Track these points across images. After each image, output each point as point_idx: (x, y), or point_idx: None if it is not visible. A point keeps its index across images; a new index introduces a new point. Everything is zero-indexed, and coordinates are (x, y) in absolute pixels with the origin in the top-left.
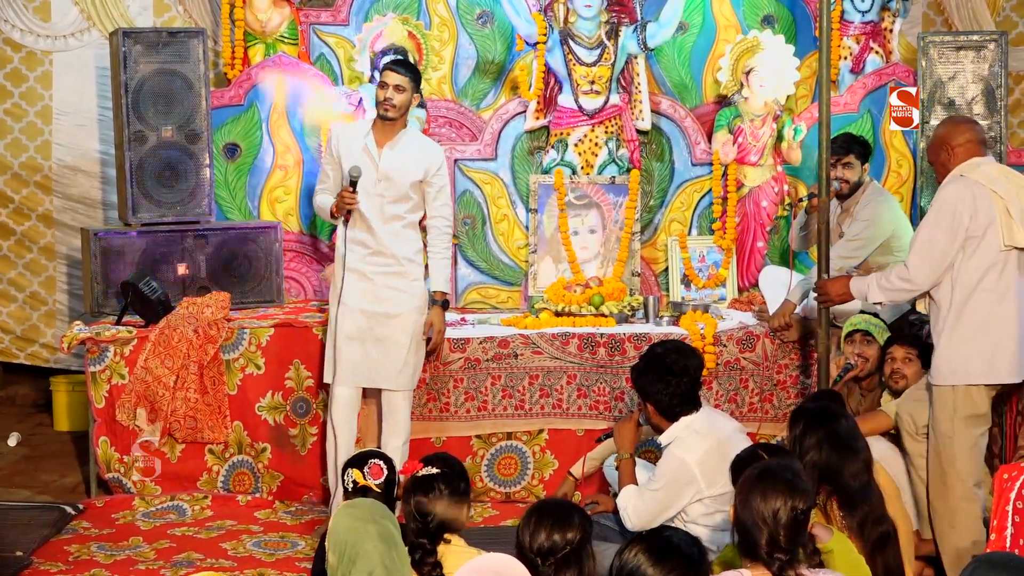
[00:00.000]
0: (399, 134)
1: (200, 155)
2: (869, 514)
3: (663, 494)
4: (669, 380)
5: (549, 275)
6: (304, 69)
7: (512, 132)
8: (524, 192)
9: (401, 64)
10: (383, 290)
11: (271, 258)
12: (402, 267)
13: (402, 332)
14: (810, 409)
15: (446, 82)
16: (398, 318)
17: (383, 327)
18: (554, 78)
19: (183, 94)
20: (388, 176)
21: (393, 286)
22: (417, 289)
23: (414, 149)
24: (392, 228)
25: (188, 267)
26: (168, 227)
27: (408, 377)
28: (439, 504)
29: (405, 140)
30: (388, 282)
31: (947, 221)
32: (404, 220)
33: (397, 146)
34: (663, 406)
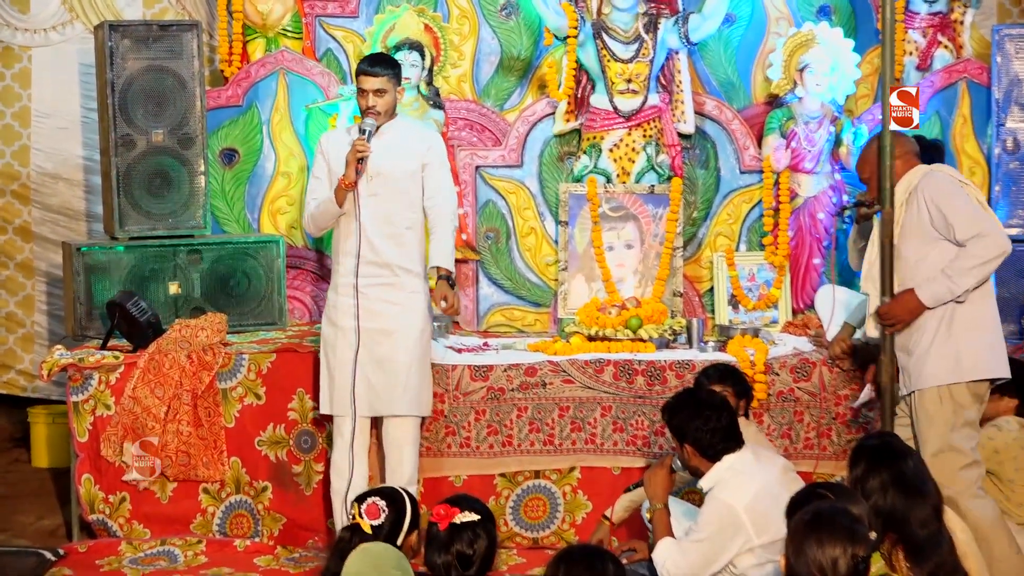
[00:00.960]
0: (387, 125)
1: (194, 161)
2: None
3: (708, 545)
4: (708, 415)
5: (581, 295)
6: (309, 66)
7: (540, 136)
8: (553, 203)
9: (375, 62)
10: (376, 304)
11: (272, 276)
12: (396, 277)
13: (402, 351)
14: (872, 446)
15: (466, 80)
16: (395, 335)
17: (379, 346)
18: (586, 76)
19: (175, 94)
20: (380, 171)
21: (387, 299)
22: (417, 303)
23: (404, 135)
24: (389, 232)
25: (181, 285)
26: (159, 241)
27: (411, 401)
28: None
29: (394, 130)
30: (382, 295)
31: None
32: (404, 221)
33: (385, 136)
34: (703, 445)
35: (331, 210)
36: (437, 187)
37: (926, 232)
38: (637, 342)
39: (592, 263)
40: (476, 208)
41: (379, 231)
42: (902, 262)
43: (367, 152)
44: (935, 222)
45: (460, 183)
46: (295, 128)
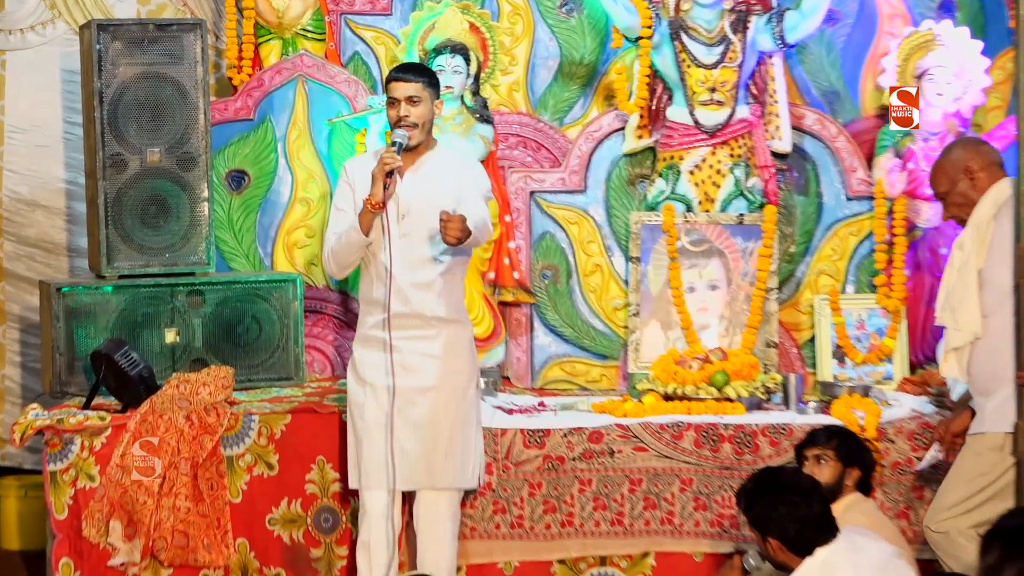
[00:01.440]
0: (425, 156)
1: (196, 186)
2: None
3: None
4: (794, 502)
5: (656, 346)
6: (333, 73)
7: (606, 155)
8: (623, 235)
9: (408, 68)
10: (412, 358)
11: (288, 322)
12: (434, 330)
13: (443, 412)
14: (1009, 529)
15: (519, 90)
16: (435, 394)
17: (417, 407)
18: (662, 84)
19: (175, 105)
20: (412, 209)
21: (425, 351)
22: (461, 357)
23: (441, 167)
24: (423, 278)
25: (179, 333)
26: (153, 280)
27: (455, 471)
28: None
29: (432, 161)
30: (419, 347)
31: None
32: (440, 266)
33: (420, 170)
34: (789, 537)
35: (355, 240)
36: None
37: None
38: (723, 402)
39: (669, 307)
40: (530, 241)
41: (411, 278)
42: (990, 291)
43: (396, 164)
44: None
45: (512, 212)
46: (316, 146)
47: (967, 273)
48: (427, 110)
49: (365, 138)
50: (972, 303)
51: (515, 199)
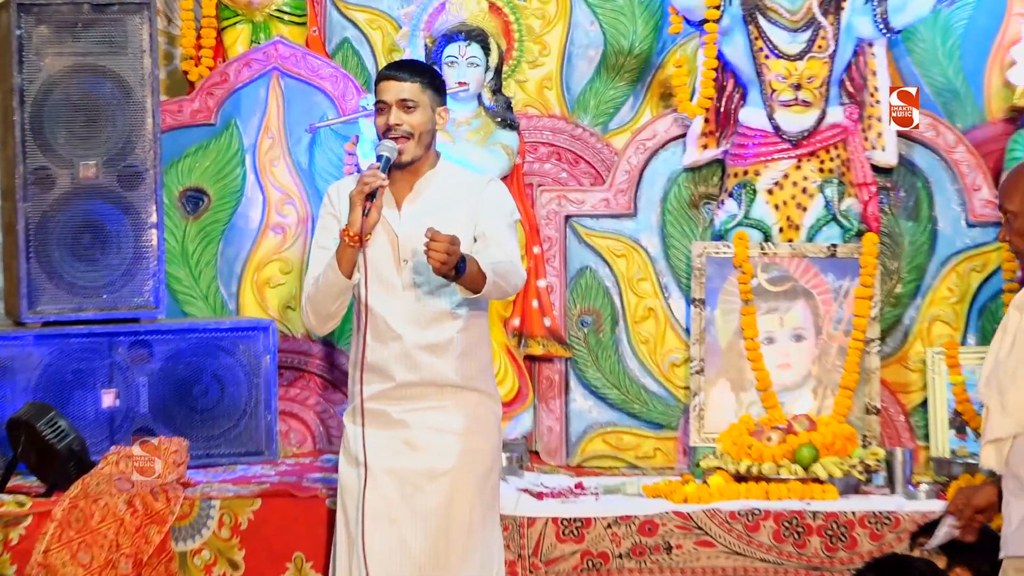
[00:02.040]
0: (425, 178)
1: (142, 208)
2: None
3: None
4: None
5: (725, 412)
6: (316, 65)
7: (663, 170)
8: (683, 271)
9: (401, 65)
10: (421, 434)
11: (258, 381)
12: (450, 400)
13: (459, 500)
14: None
15: (552, 86)
16: (449, 479)
17: (425, 495)
18: (733, 80)
19: (115, 107)
20: (415, 252)
21: (436, 425)
22: (481, 431)
23: (450, 191)
24: (436, 338)
25: (119, 396)
26: (87, 328)
27: (472, 573)
28: None
29: (435, 184)
30: (428, 420)
31: None
32: (457, 322)
33: (421, 197)
34: None
35: (334, 282)
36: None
37: None
38: (811, 484)
39: (742, 363)
40: (565, 279)
41: (420, 338)
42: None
43: (379, 183)
44: None
45: (542, 241)
46: (294, 159)
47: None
48: (425, 118)
49: (356, 148)
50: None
51: (546, 225)
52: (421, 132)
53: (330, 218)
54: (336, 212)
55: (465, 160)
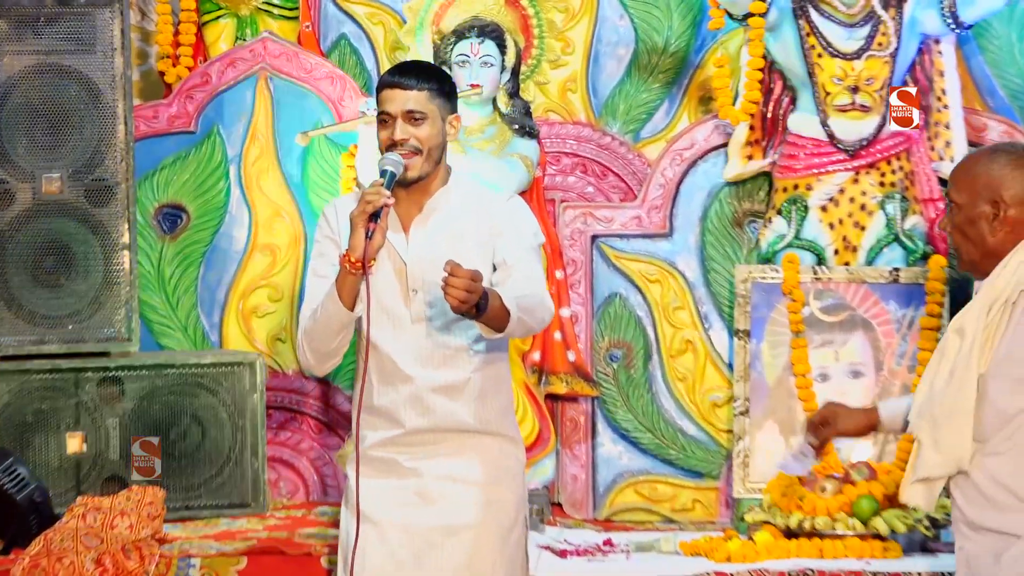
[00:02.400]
0: (436, 196)
1: (113, 227)
2: None
3: None
4: None
5: (773, 458)
6: (310, 65)
7: (702, 184)
8: (725, 299)
9: (407, 69)
10: (434, 484)
11: (243, 423)
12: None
13: (479, 559)
14: None
15: (577, 89)
16: (470, 534)
17: (442, 552)
18: (782, 82)
19: (83, 112)
20: (424, 282)
21: (456, 476)
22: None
23: (464, 212)
24: (450, 379)
25: (87, 439)
26: (51, 363)
27: None
28: None
29: (448, 203)
30: (444, 469)
31: None
32: (474, 358)
33: (431, 218)
34: None
35: (333, 315)
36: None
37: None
38: (871, 540)
39: (792, 402)
40: (592, 308)
41: (432, 378)
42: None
43: (383, 202)
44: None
45: (566, 265)
46: (284, 171)
47: (963, 374)
48: (435, 130)
49: (356, 159)
50: (962, 421)
51: (570, 247)
52: (430, 147)
53: (328, 242)
54: (334, 235)
55: (478, 173)
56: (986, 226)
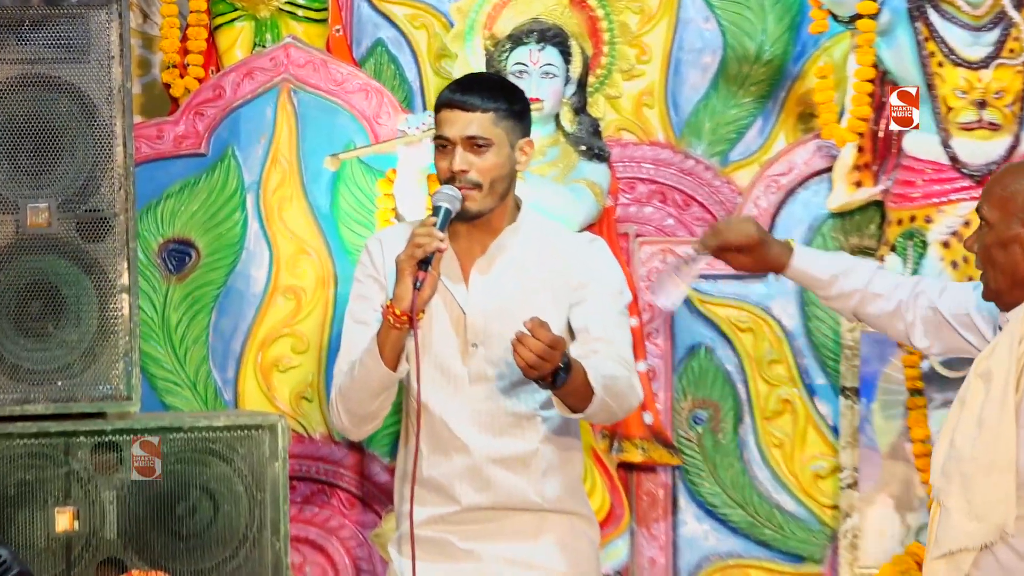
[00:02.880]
0: (502, 236)
1: (110, 266)
2: None
3: None
4: None
5: (887, 539)
6: (340, 76)
7: (802, 215)
8: (829, 351)
9: (472, 85)
10: (497, 568)
11: (263, 497)
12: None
13: None
14: None
15: (654, 104)
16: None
17: None
18: (894, 95)
19: (75, 131)
20: (486, 334)
21: (517, 558)
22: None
23: (537, 255)
24: (514, 450)
25: (79, 515)
26: (36, 427)
27: None
28: None
29: (516, 244)
30: (506, 551)
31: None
32: (542, 426)
33: (496, 262)
34: None
35: (373, 373)
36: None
37: None
38: None
39: (909, 473)
40: (672, 362)
41: (492, 448)
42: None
43: (435, 246)
44: None
45: (640, 311)
46: (310, 200)
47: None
48: (501, 159)
49: (394, 187)
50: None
51: (647, 290)
52: (494, 178)
53: (370, 282)
54: (378, 275)
55: (538, 202)
56: (1020, 251)
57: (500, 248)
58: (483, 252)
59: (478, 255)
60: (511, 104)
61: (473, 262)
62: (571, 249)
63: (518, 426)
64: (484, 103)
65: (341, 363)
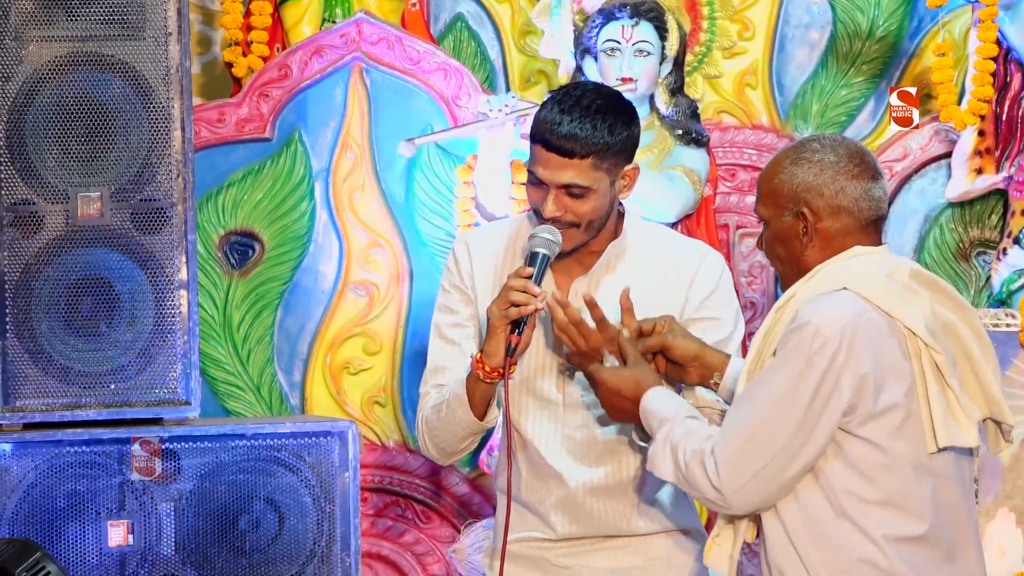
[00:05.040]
0: (605, 255)
1: (166, 260)
2: None
3: None
4: None
5: (1010, 556)
6: (416, 54)
7: (918, 205)
8: None
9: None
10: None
11: (331, 509)
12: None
13: None
14: None
15: (758, 84)
16: None
17: None
18: (1021, 75)
19: (128, 115)
20: None
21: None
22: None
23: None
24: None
25: (134, 528)
26: (89, 433)
27: None
28: None
29: (622, 259)
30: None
31: (802, 393)
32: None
33: (601, 283)
34: None
35: (462, 420)
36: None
37: None
38: None
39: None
40: None
41: (587, 477)
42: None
43: (532, 308)
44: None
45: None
46: (383, 188)
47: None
48: (601, 202)
49: (474, 174)
50: None
51: (748, 286)
52: (592, 220)
53: (456, 293)
54: (465, 285)
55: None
56: (798, 243)
57: (604, 267)
58: (584, 272)
59: (578, 273)
60: (616, 137)
61: (573, 279)
62: (684, 266)
63: (614, 453)
64: (584, 147)
65: (426, 385)
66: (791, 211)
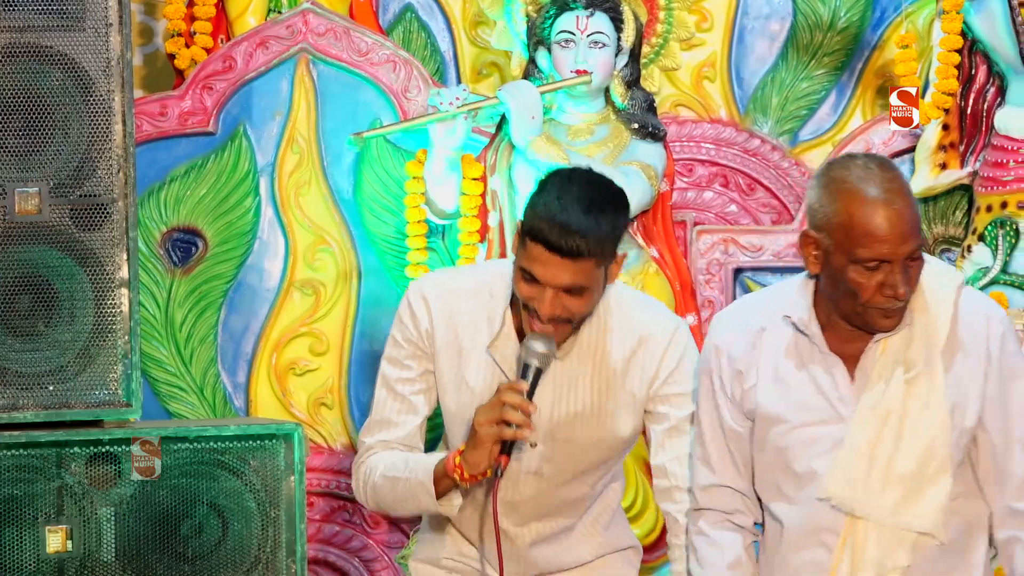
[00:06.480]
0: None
1: (107, 258)
2: None
3: None
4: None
5: None
6: (364, 45)
7: None
8: None
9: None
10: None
11: (277, 514)
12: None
13: None
14: None
15: (716, 77)
16: None
17: None
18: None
19: (67, 108)
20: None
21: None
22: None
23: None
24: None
25: (72, 534)
26: (26, 436)
27: None
28: None
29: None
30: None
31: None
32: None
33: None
34: None
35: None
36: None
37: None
38: None
39: None
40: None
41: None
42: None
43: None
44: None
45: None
46: (331, 183)
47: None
48: (598, 295)
49: (425, 169)
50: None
51: (706, 283)
52: (586, 314)
53: (412, 348)
54: (424, 343)
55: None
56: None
57: (579, 345)
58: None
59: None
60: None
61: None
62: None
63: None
64: (589, 248)
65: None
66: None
